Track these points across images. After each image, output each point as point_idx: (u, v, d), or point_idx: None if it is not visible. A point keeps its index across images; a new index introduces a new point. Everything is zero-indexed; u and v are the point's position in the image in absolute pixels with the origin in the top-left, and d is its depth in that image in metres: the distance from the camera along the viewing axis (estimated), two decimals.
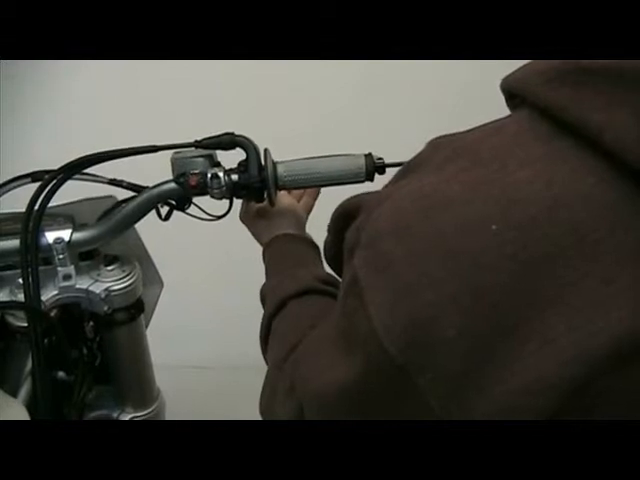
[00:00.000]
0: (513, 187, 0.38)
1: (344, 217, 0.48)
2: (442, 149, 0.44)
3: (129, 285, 0.79)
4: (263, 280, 0.73)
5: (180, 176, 0.74)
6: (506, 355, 0.36)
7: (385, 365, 0.40)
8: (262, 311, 0.70)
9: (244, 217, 0.82)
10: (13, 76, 1.58)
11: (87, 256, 0.79)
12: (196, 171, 0.73)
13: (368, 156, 0.75)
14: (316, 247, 0.78)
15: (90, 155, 0.75)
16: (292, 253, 0.75)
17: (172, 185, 0.74)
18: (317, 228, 0.74)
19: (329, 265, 0.56)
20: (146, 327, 0.96)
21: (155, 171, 0.77)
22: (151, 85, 1.72)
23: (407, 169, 0.46)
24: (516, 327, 0.36)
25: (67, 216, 0.76)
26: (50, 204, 0.73)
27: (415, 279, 0.38)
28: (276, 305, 0.66)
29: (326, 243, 0.54)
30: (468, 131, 0.45)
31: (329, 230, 0.54)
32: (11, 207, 0.73)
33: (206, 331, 1.68)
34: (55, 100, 1.71)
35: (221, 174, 0.73)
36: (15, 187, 0.79)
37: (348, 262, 0.44)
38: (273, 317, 0.66)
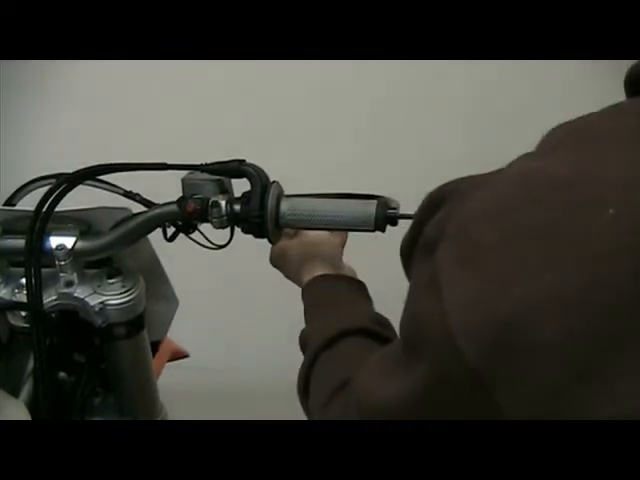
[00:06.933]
0: (638, 170, 0.32)
1: (429, 208, 0.41)
2: (555, 134, 0.39)
3: (127, 301, 0.77)
4: (263, 280, 0.71)
5: (182, 199, 0.72)
6: (617, 369, 0.30)
7: (456, 373, 0.34)
8: (263, 312, 0.67)
9: (275, 260, 0.78)
10: (13, 76, 1.58)
11: (95, 265, 0.79)
12: (198, 196, 0.71)
13: (380, 205, 0.68)
14: (359, 283, 0.72)
15: (102, 165, 0.74)
16: (334, 294, 0.69)
17: (174, 207, 0.72)
18: None
19: (404, 266, 0.47)
20: (160, 343, 0.96)
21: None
22: (152, 85, 1.72)
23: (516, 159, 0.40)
24: (628, 335, 0.29)
25: (83, 222, 0.76)
26: (67, 208, 0.73)
27: (507, 269, 0.32)
28: (320, 346, 0.60)
29: (404, 240, 0.46)
30: (583, 116, 0.39)
31: (413, 221, 0.46)
32: (32, 206, 0.73)
33: (207, 332, 1.68)
34: (55, 101, 1.71)
35: (223, 203, 0.69)
36: (38, 187, 0.80)
37: (427, 260, 0.38)
38: (316, 359, 0.60)
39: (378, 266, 0.76)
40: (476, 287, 0.33)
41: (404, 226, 0.47)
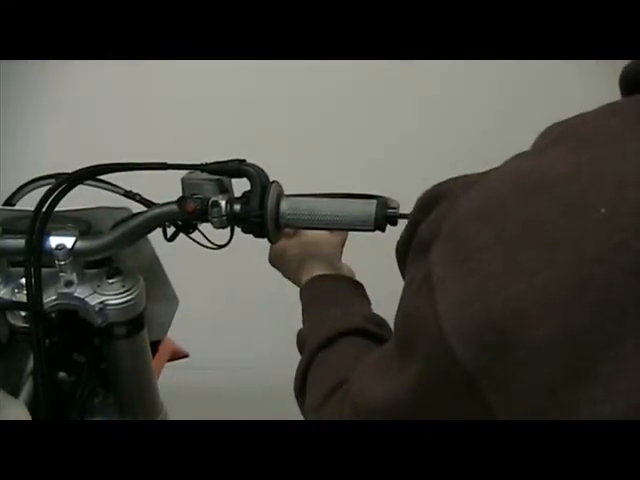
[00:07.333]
0: (631, 169, 0.32)
1: (423, 208, 0.41)
2: (548, 133, 0.39)
3: (127, 301, 0.77)
4: (264, 281, 0.71)
5: (182, 199, 0.72)
6: (613, 367, 0.30)
7: (449, 373, 0.34)
8: (263, 312, 0.67)
9: (274, 259, 0.78)
10: (13, 76, 1.58)
11: (95, 265, 0.79)
12: (198, 196, 0.71)
13: (380, 204, 0.68)
14: (357, 283, 0.72)
15: (102, 165, 0.74)
16: (331, 294, 0.69)
17: (174, 207, 0.72)
18: None
19: (399, 266, 0.46)
20: (160, 343, 0.96)
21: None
22: (153, 85, 1.72)
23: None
24: (623, 334, 0.29)
25: (83, 222, 0.76)
26: (67, 208, 0.73)
27: (501, 268, 0.32)
28: (316, 346, 0.60)
29: (399, 240, 0.46)
30: (577, 115, 0.39)
31: (409, 220, 0.45)
32: (31, 205, 0.73)
33: (207, 332, 1.68)
34: (55, 100, 1.71)
35: (223, 203, 0.69)
36: (37, 187, 0.80)
37: (421, 260, 0.37)
38: (312, 360, 0.60)
39: (377, 266, 0.76)
40: (470, 286, 0.33)
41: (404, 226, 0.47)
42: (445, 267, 0.35)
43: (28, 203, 0.80)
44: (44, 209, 0.71)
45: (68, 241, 0.74)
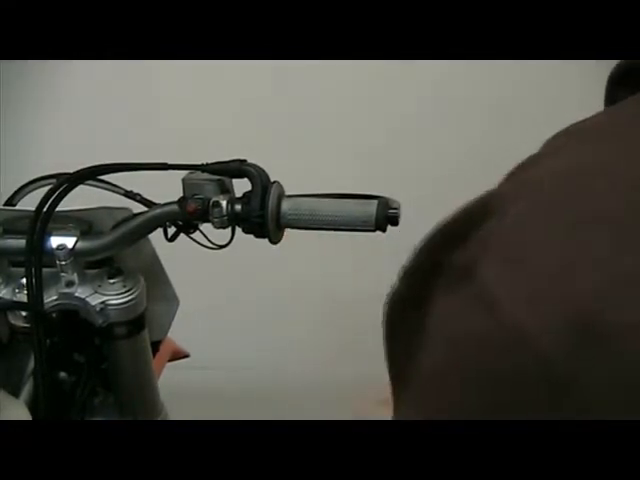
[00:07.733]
0: None
1: (450, 242, 0.37)
2: (558, 137, 0.37)
3: (128, 301, 0.77)
4: (264, 281, 0.71)
5: (182, 199, 0.72)
6: None
7: (536, 378, 0.30)
8: (264, 312, 0.65)
9: None
10: (13, 76, 1.58)
11: (96, 265, 0.79)
12: (199, 196, 0.71)
13: (380, 204, 0.69)
14: None
15: (102, 165, 0.74)
16: None
17: (175, 207, 0.72)
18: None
19: (390, 336, 0.43)
20: (160, 343, 0.97)
21: None
22: (153, 85, 1.72)
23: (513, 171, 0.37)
24: None
25: (83, 222, 0.76)
26: (68, 208, 0.73)
27: (568, 260, 0.30)
28: None
29: (397, 294, 0.39)
30: (582, 120, 0.37)
31: (405, 271, 0.39)
32: (32, 206, 0.73)
33: (207, 332, 1.68)
34: (56, 100, 1.71)
35: (224, 203, 0.70)
36: (38, 187, 0.81)
37: (461, 288, 0.34)
38: None
39: (377, 267, 0.76)
40: (538, 283, 0.31)
41: (404, 226, 0.47)
42: (505, 272, 0.32)
43: (29, 203, 0.80)
44: (45, 209, 0.71)
45: (69, 241, 0.74)
